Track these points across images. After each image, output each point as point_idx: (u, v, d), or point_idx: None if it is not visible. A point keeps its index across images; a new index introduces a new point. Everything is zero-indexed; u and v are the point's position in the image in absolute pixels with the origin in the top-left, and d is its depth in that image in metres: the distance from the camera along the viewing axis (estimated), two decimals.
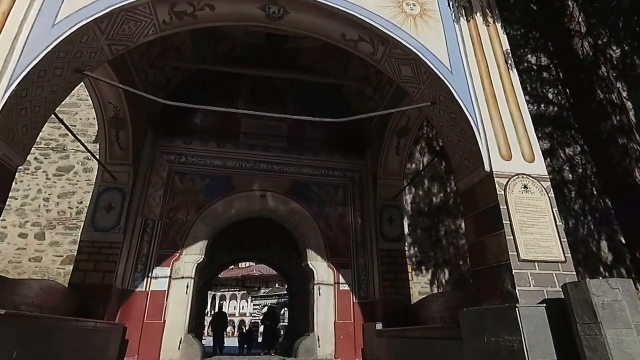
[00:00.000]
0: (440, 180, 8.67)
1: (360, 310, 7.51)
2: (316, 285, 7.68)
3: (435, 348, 4.34)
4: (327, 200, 8.46)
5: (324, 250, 7.98)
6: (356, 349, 7.23)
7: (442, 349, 4.19)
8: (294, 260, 14.68)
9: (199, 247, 7.54)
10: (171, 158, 8.04)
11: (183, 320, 6.93)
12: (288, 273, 17.61)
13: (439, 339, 4.26)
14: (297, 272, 15.25)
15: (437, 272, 7.69)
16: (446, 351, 4.07)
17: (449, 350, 4.04)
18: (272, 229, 13.51)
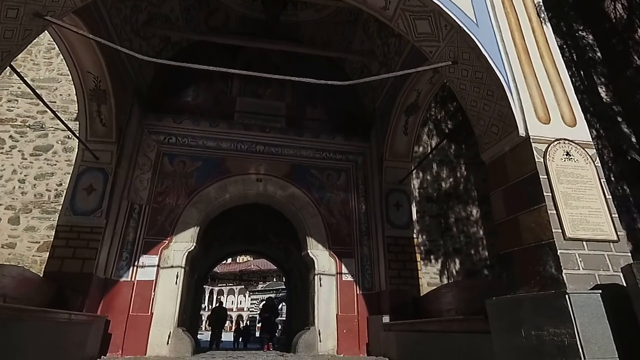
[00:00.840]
0: (449, 164, 8.09)
1: (365, 302, 6.96)
2: (317, 275, 7.12)
3: (456, 343, 3.77)
4: (328, 185, 7.87)
5: (325, 238, 7.41)
6: (360, 344, 6.68)
7: (465, 344, 3.63)
8: (293, 254, 14.12)
9: (190, 234, 6.95)
10: (160, 138, 7.42)
11: (172, 313, 6.36)
12: (286, 267, 17.08)
13: (461, 333, 3.70)
14: (296, 265, 14.70)
15: (448, 262, 7.14)
16: (471, 346, 3.51)
17: (474, 346, 3.48)
18: (269, 219, 12.99)
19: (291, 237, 13.31)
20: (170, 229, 6.88)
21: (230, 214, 12.61)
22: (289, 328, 17.47)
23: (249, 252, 19.09)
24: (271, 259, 18.52)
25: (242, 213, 12.81)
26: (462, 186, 7.96)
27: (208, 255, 14.54)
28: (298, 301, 14.76)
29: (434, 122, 8.44)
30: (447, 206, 7.65)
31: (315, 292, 7.02)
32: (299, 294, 14.61)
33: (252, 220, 13.05)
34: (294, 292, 16.05)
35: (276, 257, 17.22)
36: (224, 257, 18.41)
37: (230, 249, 16.27)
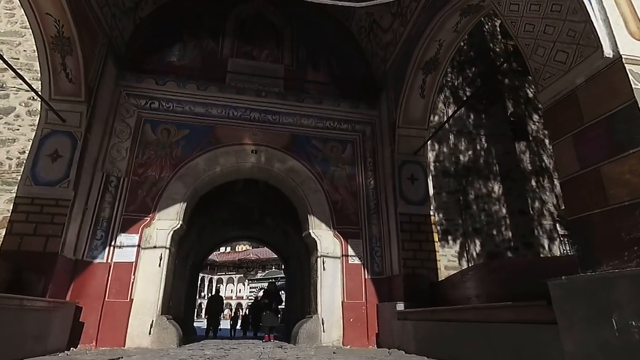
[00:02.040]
0: (468, 135, 7.22)
1: (374, 288, 6.15)
2: (320, 258, 6.30)
3: (503, 337, 2.96)
4: (332, 157, 7.00)
5: (329, 217, 6.57)
6: (369, 335, 5.90)
7: (516, 338, 2.80)
8: (291, 238, 13.32)
9: (176, 210, 6.09)
10: (140, 103, 6.51)
11: (155, 299, 5.55)
12: (285, 253, 16.30)
13: (511, 323, 2.87)
14: (294, 251, 13.90)
15: (467, 243, 6.33)
16: (526, 342, 2.69)
17: (530, 341, 2.66)
18: (266, 201, 12.16)
19: (290, 220, 12.51)
20: (152, 205, 6.02)
21: (223, 195, 11.80)
22: (288, 316, 16.81)
23: (246, 239, 18.28)
24: (269, 245, 17.76)
25: (237, 195, 12.08)
26: (483, 160, 7.10)
27: (202, 240, 13.74)
28: (297, 288, 14.01)
29: (451, 89, 7.55)
30: (466, 182, 6.80)
31: (318, 277, 6.21)
32: (297, 281, 13.86)
33: (247, 203, 12.23)
34: (292, 279, 15.32)
35: (274, 243, 16.46)
36: (219, 243, 17.69)
37: (226, 234, 15.47)
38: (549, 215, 6.74)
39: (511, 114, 7.60)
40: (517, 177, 7.05)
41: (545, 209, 6.82)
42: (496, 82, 7.70)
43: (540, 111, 7.82)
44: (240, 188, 11.90)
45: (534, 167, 7.23)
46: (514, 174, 7.07)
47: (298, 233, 12.62)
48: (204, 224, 12.34)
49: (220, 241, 17.20)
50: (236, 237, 17.49)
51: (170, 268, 6.00)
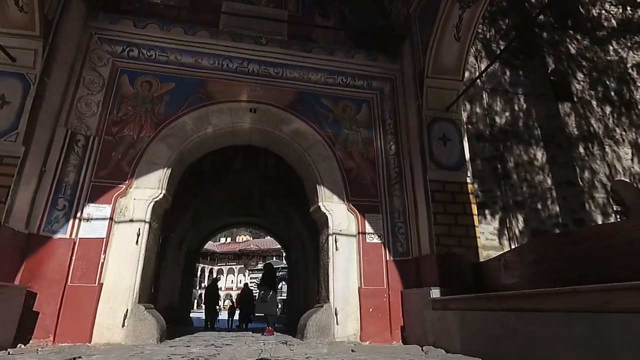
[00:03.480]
0: (504, 94, 6.12)
1: (398, 271, 5.10)
2: (332, 236, 5.24)
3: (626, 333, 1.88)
4: (345, 119, 5.91)
5: (342, 188, 5.50)
6: (392, 328, 4.86)
7: None
8: (294, 223, 12.29)
9: (158, 177, 5.02)
10: (116, 49, 5.39)
11: (130, 284, 4.50)
12: (286, 240, 15.29)
13: None
14: (297, 235, 12.85)
15: (508, 219, 5.26)
16: None
17: None
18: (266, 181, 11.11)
19: (293, 202, 11.48)
20: (129, 170, 4.95)
21: (220, 174, 10.75)
22: (289, 306, 15.88)
23: (245, 225, 17.25)
24: (270, 232, 16.76)
25: (235, 174, 11.01)
26: (522, 122, 6.01)
27: (198, 225, 12.69)
28: (300, 276, 13.03)
29: (482, 42, 6.41)
30: (504, 147, 5.72)
31: (330, 259, 5.16)
32: (300, 268, 12.87)
33: (247, 183, 11.17)
34: (294, 266, 14.33)
35: (275, 229, 15.43)
36: (217, 230, 16.65)
37: (224, 220, 14.42)
38: (602, 187, 5.69)
39: (552, 72, 6.48)
40: (562, 142, 5.98)
41: (597, 179, 5.77)
42: (533, 35, 6.57)
43: (585, 69, 6.71)
44: (239, 166, 10.89)
45: (580, 131, 6.15)
46: (559, 139, 6.00)
47: (302, 216, 11.63)
48: (199, 207, 11.28)
49: (218, 227, 16.19)
50: (235, 224, 16.46)
51: (151, 247, 4.94)
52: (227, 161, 10.57)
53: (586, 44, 6.95)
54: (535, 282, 3.15)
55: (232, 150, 10.29)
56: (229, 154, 10.38)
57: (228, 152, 10.36)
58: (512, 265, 3.71)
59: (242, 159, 10.70)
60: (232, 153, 10.41)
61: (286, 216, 12.42)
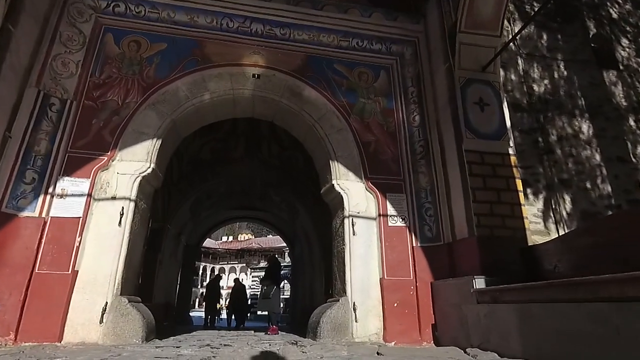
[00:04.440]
0: (542, 60, 5.37)
1: (426, 259, 4.35)
2: (348, 219, 4.50)
3: None
4: (361, 87, 5.17)
5: (358, 164, 4.76)
6: (422, 326, 4.11)
7: None
8: (299, 215, 11.52)
9: (146, 149, 4.29)
10: (100, 4, 4.67)
11: (111, 272, 3.78)
12: (290, 235, 14.56)
13: None
14: (302, 230, 12.11)
15: (554, 199, 4.50)
16: None
17: None
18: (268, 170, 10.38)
19: (298, 193, 10.76)
20: (112, 140, 4.22)
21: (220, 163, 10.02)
22: (293, 303, 15.16)
23: (247, 219, 16.53)
24: (272, 226, 16.01)
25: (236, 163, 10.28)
26: (564, 91, 5.25)
27: (197, 218, 11.94)
28: (304, 272, 12.28)
29: (515, 3, 5.65)
30: (545, 118, 4.96)
31: (346, 244, 4.41)
32: (305, 263, 12.12)
33: (248, 172, 10.43)
34: (299, 262, 13.58)
35: (278, 223, 14.68)
36: (217, 224, 15.90)
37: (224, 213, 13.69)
38: None
39: (593, 37, 5.72)
40: (610, 114, 5.23)
41: None
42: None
43: (629, 35, 5.94)
44: (240, 155, 10.16)
45: (629, 102, 5.40)
46: (606, 110, 5.25)
47: (307, 208, 10.86)
48: (197, 198, 10.55)
49: (218, 222, 15.46)
50: (236, 218, 15.74)
51: (137, 230, 4.21)
52: (227, 148, 9.85)
53: (628, 8, 6.21)
54: (615, 268, 2.39)
55: (232, 136, 9.60)
56: (229, 140, 9.68)
57: (228, 139, 9.66)
58: (580, 248, 2.96)
59: (244, 146, 9.98)
60: (233, 140, 9.71)
61: (290, 208, 11.68)
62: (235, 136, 9.81)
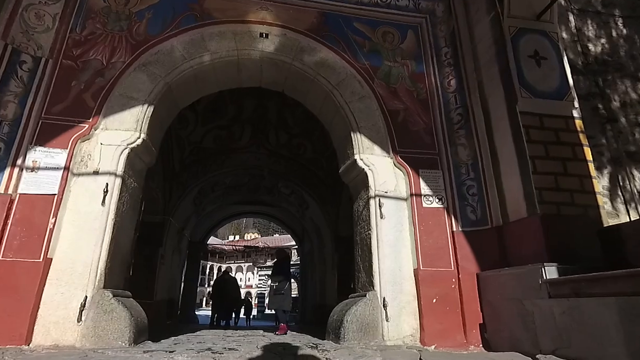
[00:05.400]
0: (596, 17, 4.61)
1: (470, 246, 3.62)
2: (374, 199, 3.78)
3: None
4: (386, 49, 4.46)
5: (385, 136, 4.05)
6: (467, 326, 3.39)
7: None
8: (309, 208, 10.79)
9: (135, 116, 3.62)
10: None
11: (92, 260, 3.12)
12: (299, 230, 13.84)
13: None
14: (312, 224, 11.35)
15: (620, 175, 3.74)
16: None
17: None
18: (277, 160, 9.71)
19: (308, 183, 10.07)
20: (94, 106, 3.56)
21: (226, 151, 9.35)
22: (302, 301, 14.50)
23: (253, 214, 15.83)
24: (280, 222, 15.31)
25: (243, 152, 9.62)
26: (624, 51, 4.48)
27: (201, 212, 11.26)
28: (315, 269, 11.59)
29: None
30: (604, 82, 4.20)
31: (373, 230, 3.70)
32: (315, 260, 11.42)
33: (255, 162, 9.76)
34: (308, 258, 12.88)
35: (287, 218, 13.97)
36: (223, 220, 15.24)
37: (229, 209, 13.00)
38: None
39: None
40: None
41: None
42: None
43: None
44: (246, 143, 9.49)
45: None
46: None
47: (318, 200, 10.17)
48: (201, 190, 9.87)
49: (224, 218, 14.81)
50: (242, 213, 15.06)
51: (126, 212, 3.54)
52: (231, 137, 9.18)
53: None
54: None
55: (237, 123, 8.92)
56: (234, 127, 9.01)
57: (233, 126, 8.99)
58: None
59: (249, 134, 9.30)
60: (238, 127, 9.04)
61: (300, 201, 10.98)
62: (240, 123, 9.13)
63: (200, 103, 8.12)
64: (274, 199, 11.72)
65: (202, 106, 8.24)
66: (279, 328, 5.62)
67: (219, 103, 8.25)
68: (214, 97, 8.08)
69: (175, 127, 8.19)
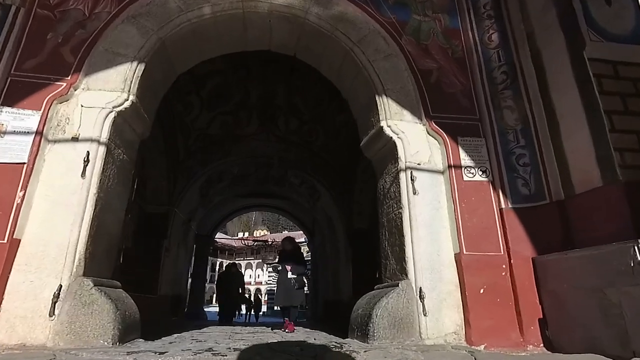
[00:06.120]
0: None
1: (523, 226, 3.00)
2: (405, 172, 3.18)
3: None
4: (414, 1, 3.82)
5: (416, 99, 3.44)
6: (523, 322, 2.77)
7: None
8: (320, 198, 10.17)
9: (122, 75, 3.07)
10: None
11: (69, 242, 2.59)
12: (309, 223, 13.30)
13: None
14: (323, 215, 10.73)
15: None
16: None
17: None
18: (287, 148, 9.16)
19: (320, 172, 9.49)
20: (74, 61, 3.02)
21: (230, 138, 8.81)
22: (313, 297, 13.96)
23: (262, 207, 15.31)
24: (291, 215, 14.76)
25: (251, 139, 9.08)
26: None
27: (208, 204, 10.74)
28: (327, 262, 11.02)
29: None
30: None
31: (404, 208, 3.10)
32: (328, 254, 10.83)
33: (264, 150, 9.20)
34: (320, 252, 12.30)
35: (297, 210, 13.39)
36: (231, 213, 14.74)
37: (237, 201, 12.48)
38: None
39: None
40: None
41: None
42: None
43: None
44: (254, 129, 8.95)
45: None
46: None
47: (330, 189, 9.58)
48: (208, 180, 9.34)
49: (232, 211, 14.32)
50: (251, 206, 14.56)
51: (113, 188, 3.00)
52: (238, 123, 8.63)
53: None
54: None
55: (244, 109, 8.37)
56: (241, 113, 8.46)
57: (240, 111, 8.44)
58: None
59: (257, 120, 8.75)
60: (245, 112, 8.50)
61: (311, 192, 10.38)
62: (247, 109, 8.59)
63: (205, 87, 7.63)
64: (283, 190, 11.17)
65: (206, 90, 7.75)
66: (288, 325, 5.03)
67: (225, 87, 7.74)
68: (219, 80, 7.59)
69: (180, 112, 7.71)
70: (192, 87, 7.25)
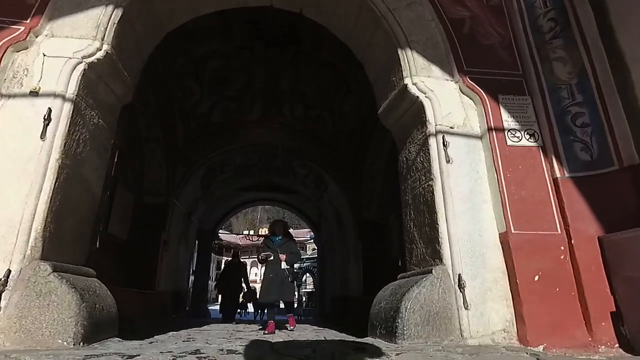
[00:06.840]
0: None
1: (585, 198, 2.42)
2: (435, 137, 2.63)
3: None
4: None
5: (445, 53, 2.88)
6: (590, 317, 2.20)
7: None
8: (327, 189, 9.64)
9: (94, 20, 2.54)
10: None
11: (22, 217, 2.07)
12: (315, 217, 12.78)
13: None
14: (330, 208, 10.17)
15: None
16: None
17: None
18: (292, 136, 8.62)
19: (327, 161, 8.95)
20: (35, 2, 2.50)
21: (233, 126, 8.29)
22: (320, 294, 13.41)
23: (266, 201, 14.82)
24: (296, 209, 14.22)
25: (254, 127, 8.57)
26: None
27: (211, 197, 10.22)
28: (334, 257, 10.46)
29: None
30: None
31: (436, 179, 2.55)
32: (335, 248, 10.27)
33: (268, 138, 8.68)
34: (327, 247, 11.76)
35: (302, 204, 12.85)
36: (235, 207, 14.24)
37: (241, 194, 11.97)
38: None
39: None
40: None
41: None
42: None
43: None
44: (257, 117, 8.43)
45: None
46: None
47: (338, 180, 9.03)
48: (209, 170, 8.82)
49: (235, 205, 13.83)
50: (255, 200, 14.05)
51: (82, 154, 2.48)
52: (241, 109, 8.12)
53: None
54: None
55: (247, 95, 7.82)
56: (244, 99, 7.92)
57: (242, 97, 7.90)
58: None
59: (261, 107, 8.22)
60: (248, 98, 7.97)
61: (318, 182, 9.82)
62: (250, 94, 8.06)
63: (206, 70, 7.11)
64: (287, 181, 10.65)
65: (207, 73, 7.22)
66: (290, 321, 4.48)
67: (227, 70, 7.23)
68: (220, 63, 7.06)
69: (178, 98, 7.22)
70: (191, 69, 6.73)
